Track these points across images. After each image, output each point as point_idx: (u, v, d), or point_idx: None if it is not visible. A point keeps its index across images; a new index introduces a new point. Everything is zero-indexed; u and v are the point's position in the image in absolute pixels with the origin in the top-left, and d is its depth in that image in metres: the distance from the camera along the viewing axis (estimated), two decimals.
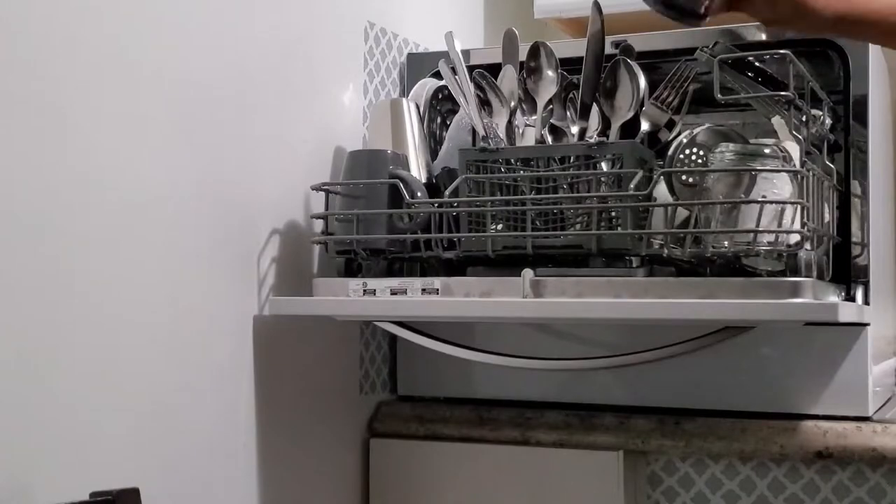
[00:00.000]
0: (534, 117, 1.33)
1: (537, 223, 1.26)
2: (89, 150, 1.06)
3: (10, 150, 0.98)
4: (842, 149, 1.35)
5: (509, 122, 1.33)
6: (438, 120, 1.50)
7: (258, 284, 1.29)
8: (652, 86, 1.33)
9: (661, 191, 1.24)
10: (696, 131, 1.32)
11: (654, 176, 1.21)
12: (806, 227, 1.17)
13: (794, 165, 1.20)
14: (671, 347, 1.27)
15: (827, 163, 1.29)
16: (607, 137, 1.27)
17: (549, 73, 1.31)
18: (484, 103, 1.33)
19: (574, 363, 1.39)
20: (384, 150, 1.36)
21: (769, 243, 1.18)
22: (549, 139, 1.34)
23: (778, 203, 1.18)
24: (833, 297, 1.27)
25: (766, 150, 1.22)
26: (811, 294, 1.14)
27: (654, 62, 1.38)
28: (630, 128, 1.29)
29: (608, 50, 1.31)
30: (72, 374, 1.04)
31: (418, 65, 1.55)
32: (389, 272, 1.36)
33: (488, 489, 1.44)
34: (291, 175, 1.35)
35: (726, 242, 1.20)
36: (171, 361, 1.16)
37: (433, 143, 1.47)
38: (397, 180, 1.30)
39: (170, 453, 1.15)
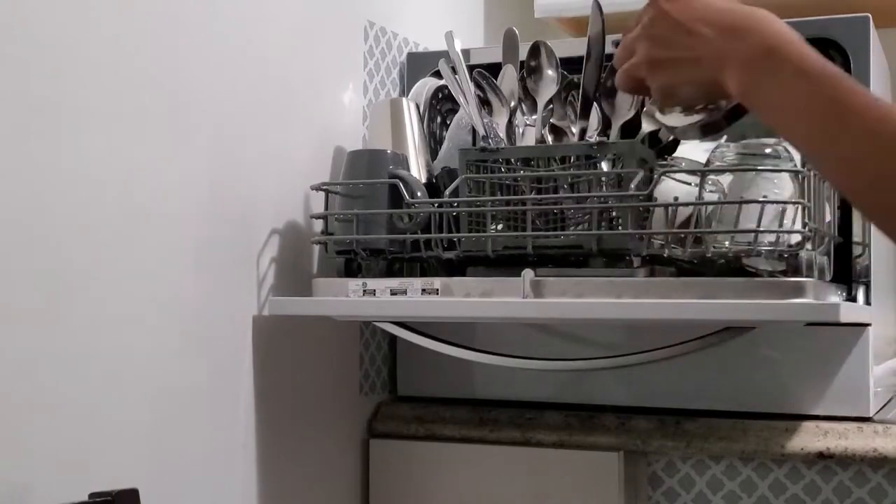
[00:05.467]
0: (534, 117, 1.33)
1: (537, 223, 1.25)
2: (87, 150, 1.06)
3: (8, 151, 0.98)
4: None
5: (509, 122, 1.32)
6: (438, 120, 1.49)
7: (258, 284, 1.29)
8: None
9: (662, 190, 1.24)
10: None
11: (655, 176, 1.21)
12: (807, 227, 1.16)
13: (796, 165, 1.19)
14: (672, 348, 1.27)
15: None
16: (608, 137, 1.27)
17: (550, 73, 1.31)
18: (484, 103, 1.32)
19: (574, 363, 1.39)
20: (384, 150, 1.36)
21: (770, 243, 1.17)
22: (550, 139, 1.34)
23: (779, 203, 1.17)
24: (834, 297, 1.26)
25: (767, 150, 1.22)
26: (812, 294, 1.14)
27: None
28: (630, 127, 1.29)
29: (609, 49, 1.30)
30: (71, 374, 1.04)
31: (418, 64, 1.55)
32: (389, 272, 1.36)
33: (488, 489, 1.44)
34: (291, 175, 1.35)
35: (727, 243, 1.20)
36: (171, 361, 1.15)
37: (433, 143, 1.46)
38: (397, 180, 1.30)
39: (170, 453, 1.15)
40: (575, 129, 1.30)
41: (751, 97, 0.86)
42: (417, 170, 1.38)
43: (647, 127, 1.28)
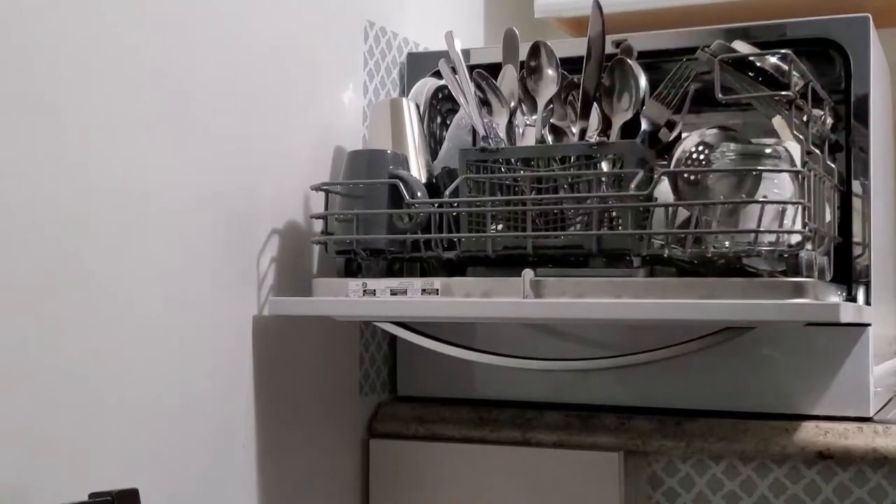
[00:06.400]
0: (534, 117, 1.33)
1: (538, 223, 1.25)
2: (88, 150, 1.06)
3: (8, 151, 0.98)
4: (843, 149, 1.35)
5: (509, 122, 1.32)
6: (438, 120, 1.49)
7: (258, 284, 1.29)
8: (652, 85, 1.33)
9: (662, 191, 1.24)
10: (706, 132, 1.31)
11: (655, 176, 1.21)
12: (807, 228, 1.16)
13: (796, 165, 1.19)
14: (672, 348, 1.27)
15: (828, 163, 1.29)
16: (608, 137, 1.27)
17: (550, 73, 1.31)
18: (484, 103, 1.32)
19: (574, 363, 1.39)
20: (384, 150, 1.36)
21: (770, 243, 1.17)
22: (550, 139, 1.34)
23: (779, 203, 1.17)
24: (834, 297, 1.26)
25: (768, 150, 1.22)
26: (812, 294, 1.14)
27: (654, 62, 1.38)
28: (631, 127, 1.29)
29: (609, 49, 1.30)
30: (71, 374, 1.03)
31: (418, 64, 1.55)
32: (389, 272, 1.36)
33: (488, 489, 1.44)
34: (291, 175, 1.35)
35: (727, 243, 1.20)
36: (171, 361, 1.15)
37: (433, 143, 1.46)
38: (397, 180, 1.30)
39: (170, 453, 1.15)
40: (575, 129, 1.30)
41: None
42: (417, 170, 1.38)
43: (646, 126, 1.28)
